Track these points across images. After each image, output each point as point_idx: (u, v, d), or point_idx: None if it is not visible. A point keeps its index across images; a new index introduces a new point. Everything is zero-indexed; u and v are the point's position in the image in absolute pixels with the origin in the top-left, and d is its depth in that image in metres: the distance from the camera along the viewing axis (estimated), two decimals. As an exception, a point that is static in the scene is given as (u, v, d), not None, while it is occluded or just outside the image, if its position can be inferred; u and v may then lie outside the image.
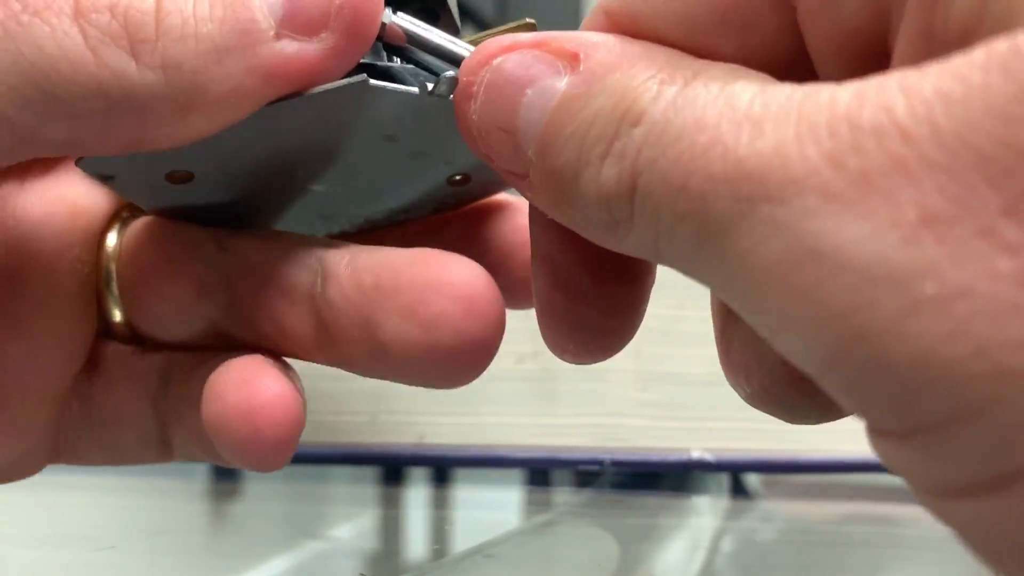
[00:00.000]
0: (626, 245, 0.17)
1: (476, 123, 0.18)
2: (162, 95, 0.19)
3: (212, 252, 0.24)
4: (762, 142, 0.14)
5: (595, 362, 0.22)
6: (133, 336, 0.25)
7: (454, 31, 0.24)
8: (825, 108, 0.14)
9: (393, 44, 0.22)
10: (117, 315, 0.25)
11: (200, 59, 0.19)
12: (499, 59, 0.18)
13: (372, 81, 0.21)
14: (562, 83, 0.17)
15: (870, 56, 0.16)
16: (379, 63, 0.22)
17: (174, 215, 0.24)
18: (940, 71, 0.13)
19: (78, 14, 0.19)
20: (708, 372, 0.38)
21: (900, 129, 0.13)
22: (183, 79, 0.19)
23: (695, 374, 0.38)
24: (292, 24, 0.20)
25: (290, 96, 0.20)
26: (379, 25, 0.21)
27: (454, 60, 0.21)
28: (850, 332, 0.13)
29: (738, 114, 0.15)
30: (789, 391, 0.19)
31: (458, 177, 0.24)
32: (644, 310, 0.21)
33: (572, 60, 0.17)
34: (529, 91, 0.17)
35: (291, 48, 0.19)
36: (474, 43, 0.22)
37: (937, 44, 0.15)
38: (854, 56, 0.17)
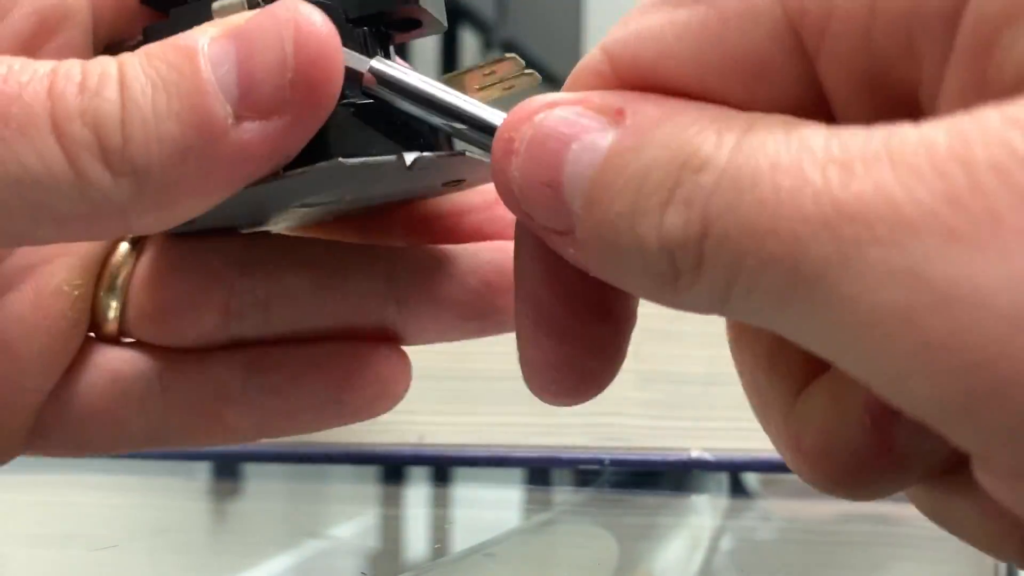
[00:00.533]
0: (687, 297, 0.16)
1: (518, 180, 0.18)
2: (138, 198, 0.19)
3: (234, 278, 0.24)
4: (858, 184, 0.14)
5: (575, 404, 0.22)
6: (120, 338, 0.25)
7: (438, 28, 0.24)
8: (921, 149, 0.14)
9: (372, 92, 0.22)
10: (111, 324, 0.25)
11: (166, 161, 0.19)
12: (541, 115, 0.18)
13: (345, 161, 0.21)
14: (608, 137, 0.17)
15: (896, 100, 0.16)
16: (362, 101, 0.22)
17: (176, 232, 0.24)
18: None
19: (55, 127, 0.19)
20: (708, 372, 0.38)
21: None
22: (154, 182, 0.19)
23: (695, 374, 0.38)
24: (249, 105, 0.19)
25: (265, 179, 0.20)
26: (339, 85, 0.20)
27: (436, 106, 0.21)
28: (995, 379, 0.13)
29: (818, 156, 0.14)
30: (872, 464, 0.19)
31: (453, 181, 0.24)
32: (625, 352, 0.21)
33: (617, 115, 0.17)
34: (575, 145, 0.17)
35: (252, 132, 0.19)
36: (450, 82, 0.22)
37: (992, 90, 0.14)
38: (881, 102, 0.17)
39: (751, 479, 0.40)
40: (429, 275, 0.24)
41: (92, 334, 0.25)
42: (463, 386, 0.38)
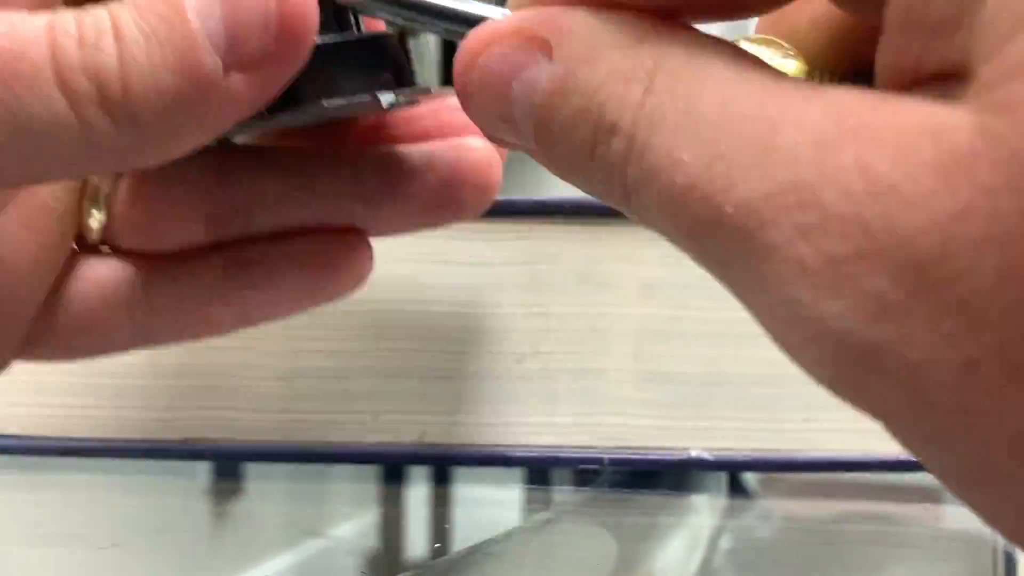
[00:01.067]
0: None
1: (479, 119, 0.19)
2: (137, 143, 0.21)
3: (212, 186, 0.26)
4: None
5: None
6: (105, 247, 0.27)
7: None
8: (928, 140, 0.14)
9: (359, 8, 0.23)
10: (96, 235, 0.26)
11: (162, 110, 0.21)
12: (482, 59, 0.19)
13: (328, 102, 0.22)
14: (543, 74, 0.18)
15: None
16: (330, 41, 0.23)
17: None
18: None
19: (59, 81, 0.20)
20: (708, 372, 0.38)
21: None
22: (152, 129, 0.21)
23: (695, 374, 0.38)
24: (236, 56, 0.21)
25: (252, 118, 0.22)
26: (315, 32, 0.21)
27: (431, 11, 0.22)
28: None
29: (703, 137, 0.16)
30: None
31: (411, 101, 0.26)
32: None
33: (545, 48, 0.18)
34: (515, 85, 0.18)
35: (239, 80, 0.21)
36: None
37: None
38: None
39: (750, 479, 0.40)
40: (390, 175, 0.26)
41: (77, 247, 0.26)
42: (463, 386, 0.38)
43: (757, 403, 0.38)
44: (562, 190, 0.26)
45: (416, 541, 0.33)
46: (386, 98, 0.23)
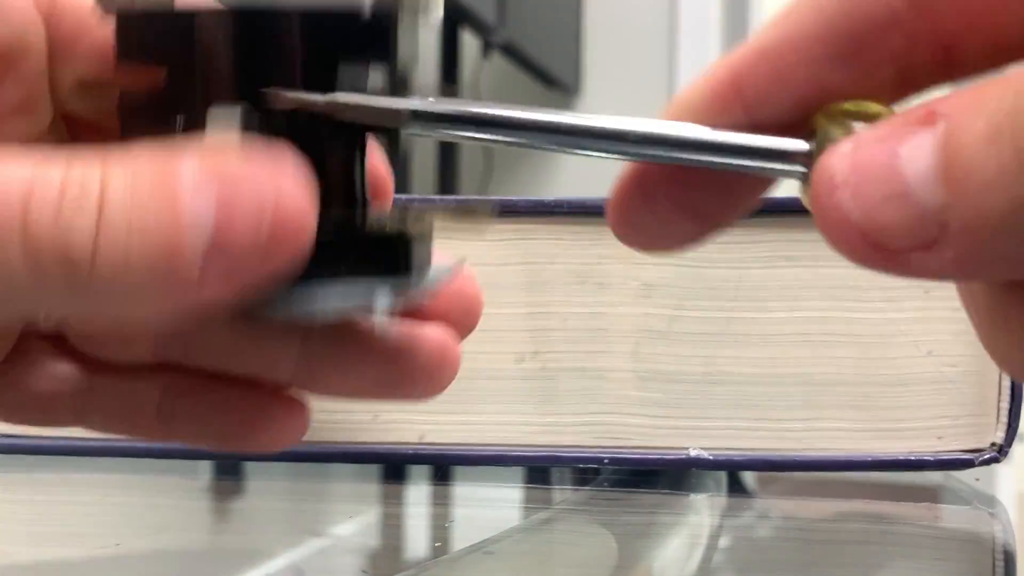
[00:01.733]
0: None
1: (855, 209, 0.17)
2: (92, 311, 0.21)
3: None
4: None
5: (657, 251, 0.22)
6: (57, 339, 0.26)
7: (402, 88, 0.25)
8: None
9: (418, 134, 0.22)
10: (49, 328, 0.26)
11: (125, 294, 0.20)
12: (846, 146, 0.17)
13: (318, 313, 0.22)
14: (933, 130, 0.17)
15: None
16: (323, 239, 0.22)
17: None
18: None
19: (25, 247, 0.19)
20: (707, 371, 0.38)
21: None
22: (110, 305, 0.20)
23: (694, 374, 0.38)
24: (215, 263, 0.19)
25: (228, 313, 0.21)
26: (305, 254, 0.20)
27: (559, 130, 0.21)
28: None
29: None
30: None
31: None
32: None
33: (928, 117, 0.17)
34: (903, 149, 0.17)
35: (215, 283, 0.20)
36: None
37: None
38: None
39: (749, 478, 0.40)
40: (342, 345, 0.25)
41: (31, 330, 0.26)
42: (463, 386, 0.38)
43: (756, 403, 0.38)
44: (562, 190, 0.26)
45: (416, 540, 0.33)
46: (382, 305, 0.22)
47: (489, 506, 0.38)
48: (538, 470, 0.40)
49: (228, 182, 0.20)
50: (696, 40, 2.00)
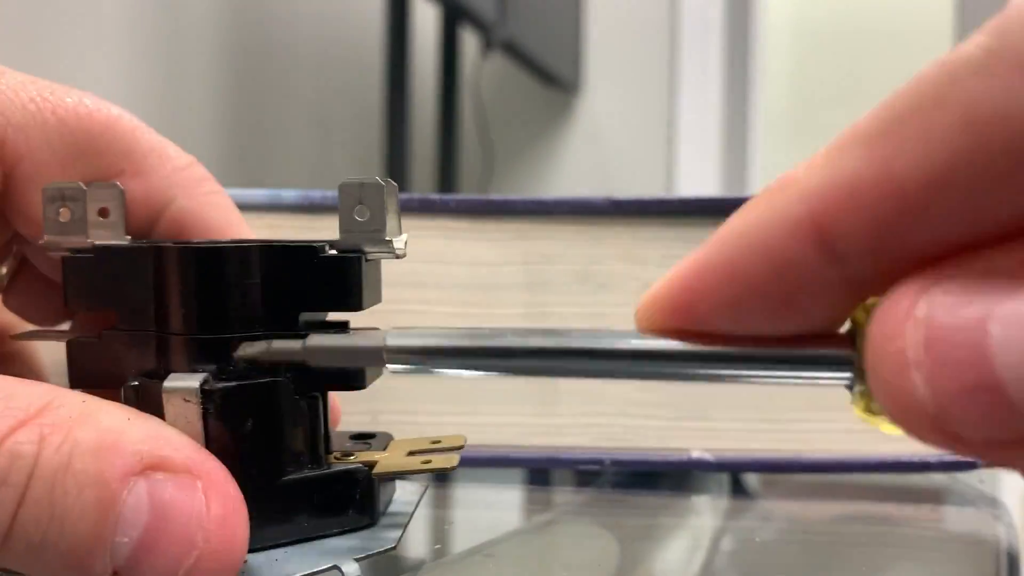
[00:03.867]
0: None
1: (930, 395, 0.14)
2: None
3: None
4: None
5: None
6: None
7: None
8: None
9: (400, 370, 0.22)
10: None
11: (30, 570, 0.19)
12: (921, 308, 0.14)
13: None
14: None
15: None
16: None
17: None
18: None
19: None
20: (708, 372, 0.38)
21: None
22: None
23: (695, 374, 0.38)
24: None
25: None
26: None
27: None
28: None
29: None
30: None
31: None
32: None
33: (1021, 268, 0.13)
34: (994, 327, 0.13)
35: None
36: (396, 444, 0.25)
37: None
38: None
39: (751, 480, 0.40)
40: None
41: None
42: (463, 386, 0.38)
43: (758, 404, 0.37)
44: (562, 190, 0.26)
45: (416, 542, 0.33)
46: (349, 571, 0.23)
47: (489, 508, 0.37)
48: (538, 472, 0.40)
49: (161, 511, 0.19)
50: (697, 38, 2.00)
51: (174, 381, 0.22)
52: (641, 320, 0.17)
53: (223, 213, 0.28)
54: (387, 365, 0.21)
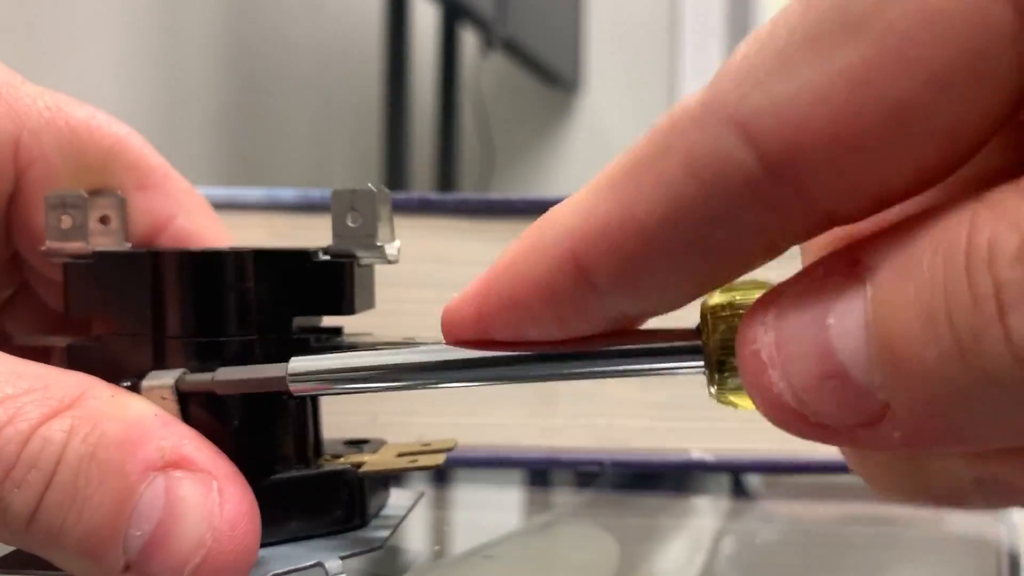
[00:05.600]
0: None
1: (789, 390, 0.15)
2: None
3: None
4: None
5: None
6: None
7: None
8: None
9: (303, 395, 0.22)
10: None
11: (48, 556, 0.20)
12: (767, 315, 0.16)
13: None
14: (861, 292, 0.15)
15: None
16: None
17: None
18: None
19: None
20: (708, 372, 0.38)
21: None
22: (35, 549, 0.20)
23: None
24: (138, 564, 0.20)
25: None
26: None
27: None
28: None
29: None
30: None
31: None
32: None
33: (851, 266, 0.15)
34: (831, 319, 0.15)
35: None
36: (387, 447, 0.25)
37: None
38: None
39: (752, 480, 0.40)
40: None
41: None
42: (463, 386, 0.38)
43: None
44: (562, 190, 0.26)
45: (416, 542, 0.33)
46: (334, 568, 0.23)
47: (489, 509, 0.37)
48: (538, 473, 0.40)
49: (174, 506, 0.20)
50: (698, 36, 2.00)
51: (152, 379, 0.22)
52: (447, 335, 0.19)
53: (220, 236, 0.29)
54: (291, 390, 0.21)
